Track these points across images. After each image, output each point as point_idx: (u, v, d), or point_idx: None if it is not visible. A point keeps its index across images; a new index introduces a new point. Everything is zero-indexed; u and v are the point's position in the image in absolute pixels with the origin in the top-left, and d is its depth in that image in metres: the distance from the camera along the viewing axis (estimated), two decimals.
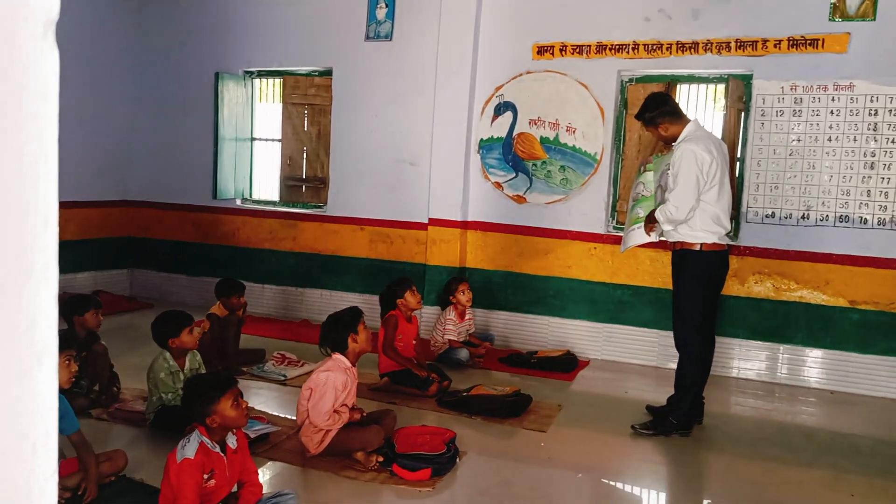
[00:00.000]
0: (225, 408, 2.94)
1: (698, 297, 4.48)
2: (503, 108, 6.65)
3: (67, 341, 4.44)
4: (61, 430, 3.34)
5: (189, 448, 2.88)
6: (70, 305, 4.63)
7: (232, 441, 3.05)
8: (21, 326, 0.63)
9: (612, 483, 3.97)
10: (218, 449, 2.97)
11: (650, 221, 4.55)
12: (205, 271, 7.84)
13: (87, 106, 7.66)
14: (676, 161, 4.34)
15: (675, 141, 4.49)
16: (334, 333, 3.97)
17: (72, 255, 7.65)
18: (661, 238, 4.71)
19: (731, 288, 5.97)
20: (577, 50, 6.35)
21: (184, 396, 3.03)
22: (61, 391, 3.38)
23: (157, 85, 8.04)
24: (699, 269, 4.46)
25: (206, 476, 2.89)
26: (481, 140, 6.75)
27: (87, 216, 7.82)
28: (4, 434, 0.62)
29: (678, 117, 4.51)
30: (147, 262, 8.29)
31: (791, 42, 5.68)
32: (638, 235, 4.70)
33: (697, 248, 4.43)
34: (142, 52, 8.07)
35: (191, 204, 7.97)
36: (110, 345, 4.90)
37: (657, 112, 4.48)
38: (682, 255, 4.49)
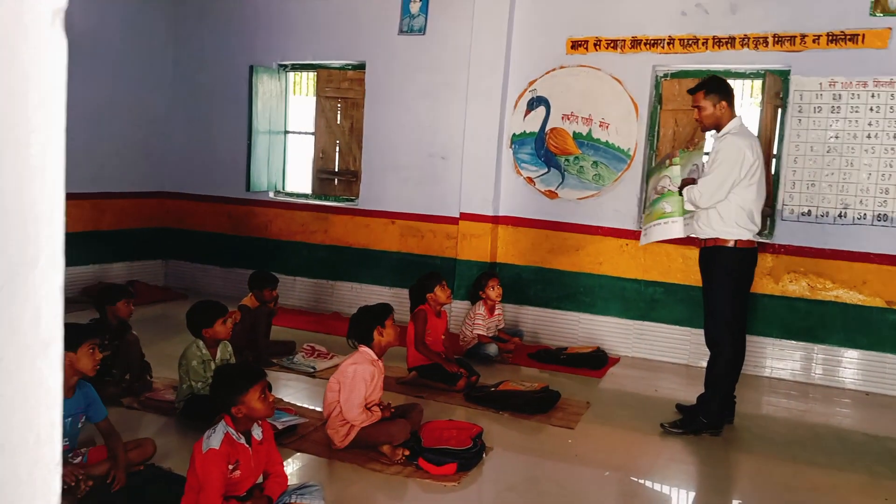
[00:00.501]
0: (252, 399, 2.96)
1: (730, 295, 4.42)
2: (536, 102, 6.60)
3: (99, 330, 4.56)
4: (89, 418, 3.41)
5: (214, 438, 2.91)
6: (102, 295, 4.72)
7: (258, 432, 3.08)
8: (26, 316, 0.63)
9: (639, 482, 3.94)
10: (243, 440, 2.99)
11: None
12: (238, 263, 7.92)
13: (124, 98, 7.78)
14: (719, 150, 4.29)
15: (714, 128, 4.45)
16: (361, 326, 3.99)
17: (108, 246, 7.80)
18: (691, 235, 4.66)
19: (766, 286, 5.87)
20: (612, 44, 6.28)
21: (213, 384, 3.07)
22: (89, 379, 3.45)
23: (193, 77, 8.13)
24: (732, 265, 4.39)
25: (231, 466, 2.92)
26: (514, 135, 6.71)
27: (122, 207, 7.95)
28: (8, 424, 0.63)
29: (733, 106, 4.46)
30: (181, 253, 8.41)
31: (830, 37, 5.56)
32: (664, 230, 4.64)
33: (731, 244, 4.37)
34: (178, 44, 8.17)
35: (225, 196, 8.06)
36: (143, 334, 4.99)
37: (723, 89, 4.41)
38: (715, 252, 4.42)
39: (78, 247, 7.49)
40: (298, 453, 3.93)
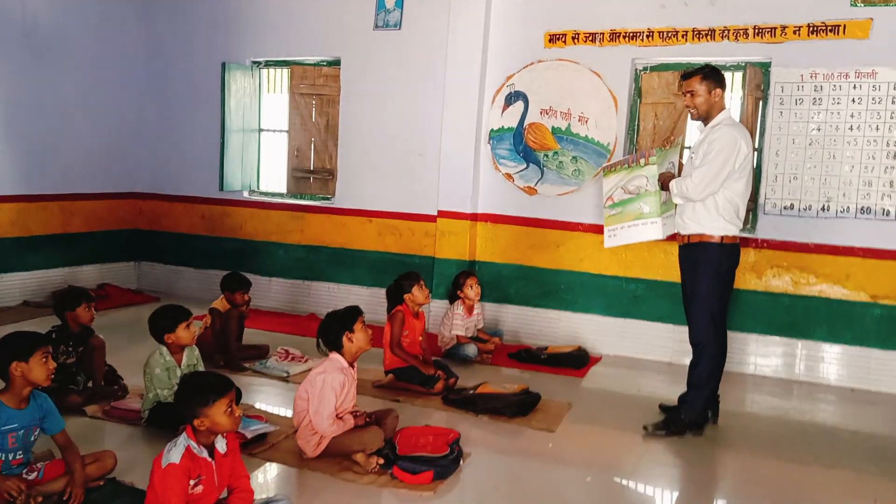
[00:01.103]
0: (217, 412, 2.81)
1: (716, 292, 4.32)
2: (514, 97, 6.47)
3: (59, 337, 4.40)
4: (44, 430, 3.25)
5: (174, 452, 2.77)
6: (61, 300, 4.53)
7: (221, 445, 2.92)
8: None
9: (623, 484, 3.82)
10: (205, 453, 2.84)
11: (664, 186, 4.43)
12: (212, 264, 7.74)
13: (94, 97, 7.58)
14: (715, 140, 4.18)
15: (704, 118, 4.35)
16: (329, 333, 3.84)
17: (78, 248, 7.61)
18: (672, 231, 4.55)
19: (748, 282, 5.78)
20: (590, 38, 6.16)
21: (177, 392, 2.92)
22: (44, 389, 3.28)
23: (164, 75, 7.94)
24: (718, 262, 4.29)
25: (192, 482, 2.78)
26: (492, 130, 6.58)
27: (93, 208, 7.74)
28: None
29: (724, 98, 4.36)
30: (154, 255, 8.21)
31: (811, 28, 5.47)
32: (640, 232, 4.54)
33: (718, 240, 4.26)
34: (149, 42, 7.97)
35: (198, 196, 7.88)
36: (115, 338, 4.81)
37: (717, 77, 4.31)
38: (700, 248, 4.30)
39: (47, 249, 7.30)
40: (268, 463, 3.78)
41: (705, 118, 4.34)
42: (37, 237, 7.22)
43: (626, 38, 6.03)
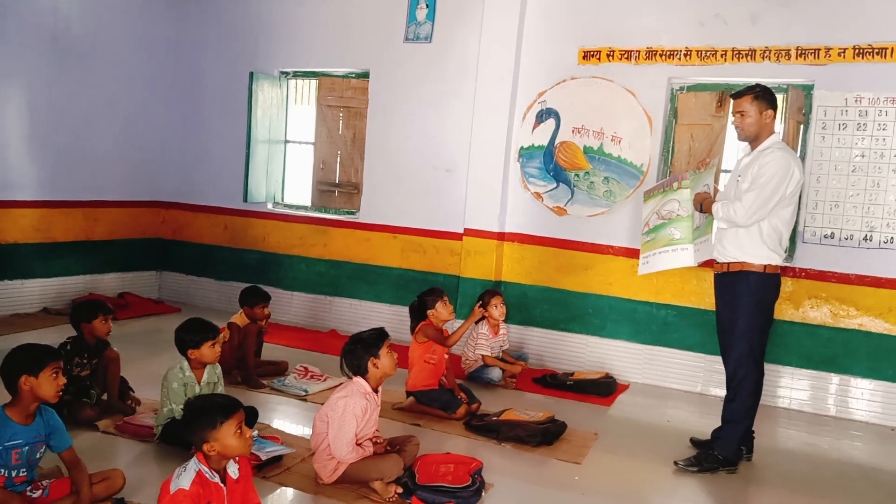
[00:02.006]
0: (226, 435, 2.67)
1: (758, 325, 4.11)
2: (545, 114, 6.33)
3: (75, 350, 4.29)
4: (51, 447, 3.13)
5: (185, 477, 2.63)
6: (77, 312, 4.42)
7: (233, 469, 2.78)
8: None
9: None
10: (217, 478, 2.70)
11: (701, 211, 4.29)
12: (234, 276, 7.66)
13: (121, 103, 7.55)
14: (767, 164, 3.99)
15: (751, 139, 4.17)
16: (354, 357, 3.69)
17: (100, 255, 7.55)
18: (709, 258, 4.37)
19: (785, 312, 5.57)
20: (625, 55, 6.01)
21: (183, 419, 2.78)
22: (59, 401, 3.17)
23: (192, 84, 7.89)
24: (760, 292, 4.09)
25: None
26: (521, 148, 6.44)
27: (116, 216, 7.69)
28: None
29: (774, 120, 4.18)
30: (176, 265, 8.14)
31: (857, 51, 5.27)
32: (671, 259, 4.36)
33: (761, 269, 4.06)
34: (177, 49, 7.94)
35: (221, 206, 7.80)
36: (133, 350, 4.70)
37: (769, 99, 4.13)
38: (740, 277, 4.10)
39: (68, 256, 7.24)
40: (282, 487, 3.63)
41: (754, 140, 4.16)
42: (59, 243, 7.17)
43: (663, 57, 5.87)
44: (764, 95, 4.13)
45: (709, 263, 4.43)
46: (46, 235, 7.06)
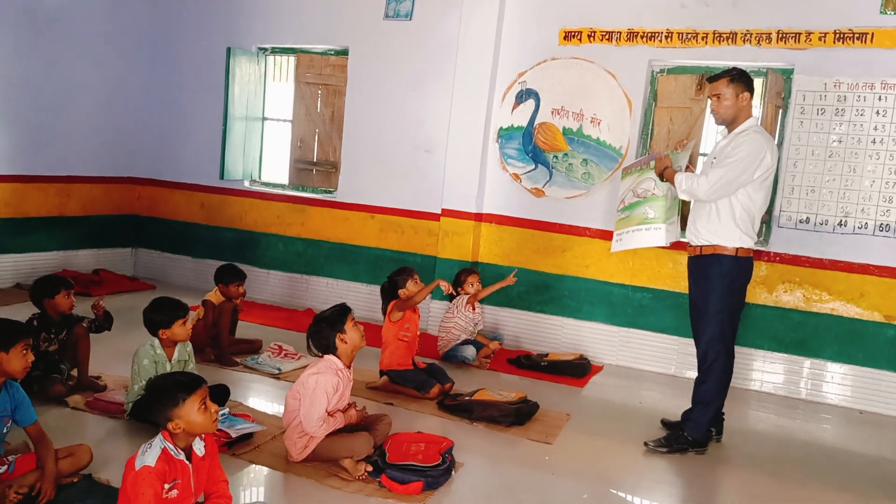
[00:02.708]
0: (190, 412, 2.64)
1: (729, 307, 4.13)
2: (525, 95, 6.30)
3: (40, 326, 4.24)
4: (16, 422, 3.10)
5: (150, 454, 2.60)
6: (38, 288, 4.35)
7: (199, 447, 2.75)
8: None
9: (620, 502, 3.66)
10: (182, 456, 2.68)
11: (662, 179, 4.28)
12: (210, 254, 7.59)
13: (95, 78, 7.42)
14: (741, 144, 3.98)
15: (728, 123, 4.15)
16: (321, 336, 3.66)
17: (74, 232, 7.45)
18: (681, 240, 4.38)
19: (758, 296, 5.60)
20: (606, 36, 5.98)
21: (146, 397, 2.75)
22: (29, 377, 3.14)
23: (168, 59, 7.77)
24: (732, 275, 4.09)
25: (167, 486, 2.61)
26: (501, 128, 6.41)
27: (90, 192, 7.59)
28: None
29: (751, 102, 4.17)
30: (151, 242, 8.06)
31: (837, 35, 5.28)
32: (643, 237, 4.36)
33: (733, 252, 4.07)
34: (153, 23, 7.79)
35: (198, 184, 7.72)
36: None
37: (746, 81, 4.11)
38: (712, 260, 4.11)
39: (41, 232, 7.15)
40: (252, 465, 3.62)
41: (730, 123, 4.15)
42: (31, 219, 7.07)
43: (644, 39, 5.85)
44: (740, 78, 4.11)
45: (683, 246, 4.43)
46: (19, 210, 6.95)
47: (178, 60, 7.72)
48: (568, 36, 6.10)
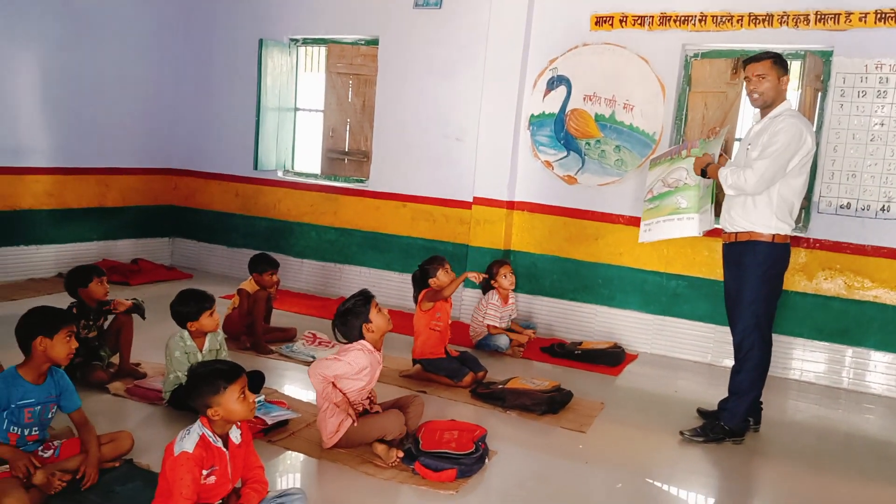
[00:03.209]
0: (229, 400, 2.68)
1: (763, 295, 4.06)
2: (556, 82, 6.24)
3: (81, 312, 4.32)
4: (61, 408, 3.17)
5: (188, 441, 2.64)
6: (71, 279, 4.44)
7: (235, 435, 2.80)
8: None
9: (654, 492, 3.62)
10: (220, 443, 2.72)
11: (697, 171, 4.20)
12: (244, 243, 7.69)
13: (132, 70, 7.53)
14: (779, 131, 3.89)
15: (765, 106, 4.06)
16: (347, 328, 3.68)
17: (113, 222, 7.59)
18: (716, 226, 4.31)
19: (797, 283, 5.51)
20: (639, 21, 5.89)
21: (186, 385, 2.79)
22: (72, 364, 3.21)
23: (202, 51, 7.85)
24: (768, 263, 4.02)
25: (205, 472, 2.65)
26: (532, 116, 6.36)
27: (129, 183, 7.71)
28: None
29: (787, 86, 4.10)
30: (188, 232, 8.17)
31: (879, 15, 5.14)
32: (676, 227, 4.30)
33: (769, 239, 4.00)
34: (188, 15, 7.87)
35: (232, 174, 7.80)
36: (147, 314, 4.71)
37: (786, 66, 4.04)
38: (748, 247, 4.04)
39: (82, 222, 7.29)
40: (287, 451, 3.66)
41: (767, 107, 4.07)
42: (72, 210, 7.21)
43: (677, 23, 5.76)
44: (781, 62, 4.04)
45: (718, 233, 4.37)
46: (60, 202, 7.10)
47: (211, 53, 7.80)
48: (599, 21, 6.02)
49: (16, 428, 3.06)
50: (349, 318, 3.68)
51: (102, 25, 7.17)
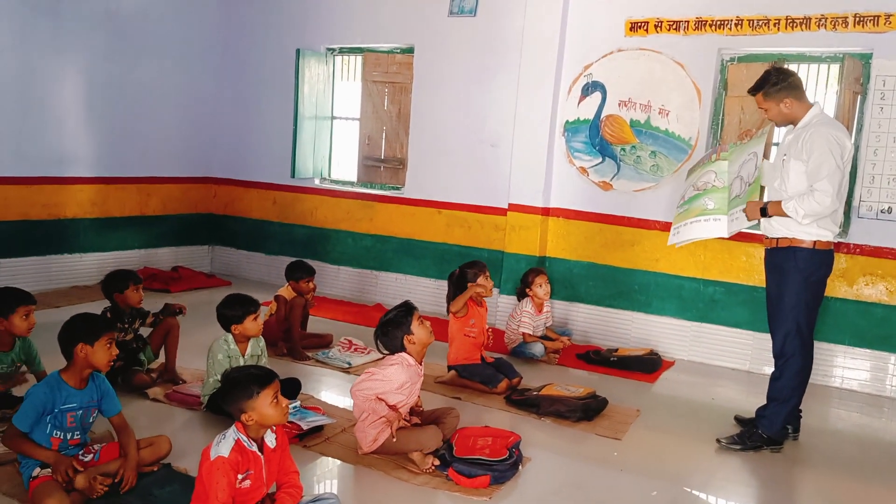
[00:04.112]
0: (263, 405, 2.73)
1: (805, 302, 4.00)
2: (591, 88, 6.23)
3: (116, 316, 4.43)
4: (102, 412, 3.25)
5: (224, 445, 2.70)
6: (109, 282, 4.53)
7: (270, 439, 2.85)
8: None
9: (691, 500, 3.59)
10: (255, 447, 2.77)
11: (755, 215, 4.05)
12: (282, 250, 7.79)
13: (172, 81, 7.69)
14: (814, 147, 3.84)
15: (791, 122, 4.04)
16: (389, 339, 3.72)
17: (154, 230, 7.75)
18: (741, 229, 4.25)
19: (838, 289, 5.41)
20: (674, 26, 5.85)
21: (221, 390, 2.85)
22: (114, 368, 3.29)
23: (240, 61, 7.99)
24: (809, 269, 3.97)
25: (240, 476, 2.70)
26: (567, 122, 6.35)
27: (169, 192, 7.88)
28: None
29: (802, 96, 4.03)
30: (227, 239, 8.31)
31: None
32: (703, 228, 4.25)
33: (811, 245, 3.94)
34: (226, 27, 8.02)
35: (270, 182, 7.91)
36: (184, 320, 4.78)
37: (783, 85, 3.98)
38: (789, 253, 3.99)
39: (124, 230, 7.46)
40: (322, 457, 3.71)
41: (793, 122, 4.04)
42: (114, 218, 7.39)
43: (713, 27, 5.71)
44: (774, 89, 3.97)
45: (756, 238, 4.32)
46: (103, 210, 7.28)
47: (249, 63, 7.93)
48: (634, 27, 6.00)
49: (59, 432, 3.15)
50: (390, 328, 3.71)
51: (144, 38, 7.34)
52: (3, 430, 3.27)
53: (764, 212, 4.02)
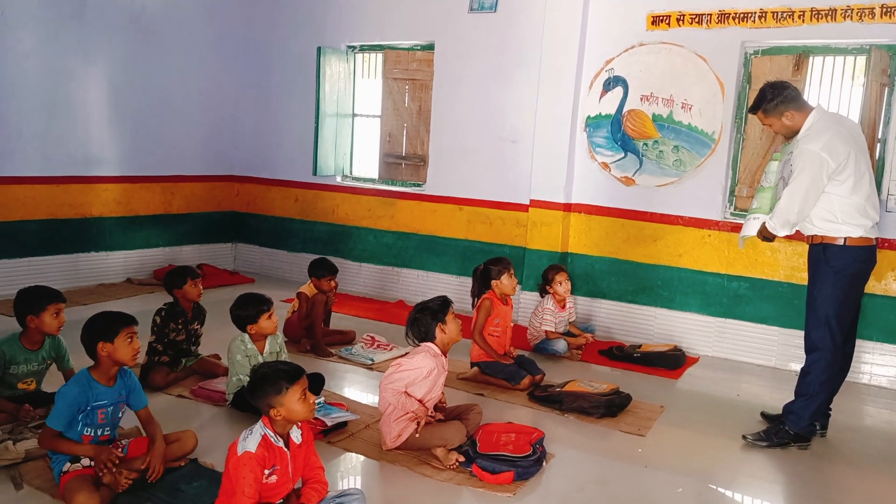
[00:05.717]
0: (291, 400, 2.75)
1: (836, 297, 3.96)
2: (613, 82, 6.19)
3: (172, 314, 4.50)
4: (129, 406, 3.29)
5: (251, 441, 2.72)
6: (169, 280, 4.65)
7: (296, 435, 2.87)
8: None
9: (716, 497, 3.57)
10: (282, 443, 2.79)
11: (763, 232, 4.15)
12: (304, 247, 7.84)
13: (195, 81, 7.76)
14: (795, 158, 3.90)
15: (794, 134, 4.03)
16: (422, 324, 3.75)
17: (179, 228, 7.83)
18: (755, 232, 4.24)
19: (868, 285, 5.30)
20: (696, 19, 5.80)
21: (249, 385, 2.87)
22: (129, 368, 3.31)
23: (262, 60, 8.03)
24: (841, 265, 3.93)
25: (267, 471, 2.73)
26: (588, 117, 6.32)
27: (193, 190, 7.95)
28: None
29: (802, 104, 4.01)
30: (250, 237, 8.37)
31: None
32: (747, 226, 4.24)
33: (841, 242, 3.91)
34: (248, 26, 8.07)
35: (292, 180, 7.96)
36: (209, 318, 4.87)
37: (780, 99, 3.97)
38: (822, 249, 3.98)
39: (149, 229, 7.54)
40: (346, 453, 3.73)
41: (797, 134, 4.04)
42: (140, 217, 7.47)
43: (736, 20, 5.65)
44: (772, 106, 3.98)
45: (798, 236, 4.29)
46: (128, 209, 7.36)
47: (271, 61, 7.97)
48: (656, 21, 5.95)
49: (90, 429, 3.19)
50: (427, 315, 3.76)
51: (167, 40, 7.41)
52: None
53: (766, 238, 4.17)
